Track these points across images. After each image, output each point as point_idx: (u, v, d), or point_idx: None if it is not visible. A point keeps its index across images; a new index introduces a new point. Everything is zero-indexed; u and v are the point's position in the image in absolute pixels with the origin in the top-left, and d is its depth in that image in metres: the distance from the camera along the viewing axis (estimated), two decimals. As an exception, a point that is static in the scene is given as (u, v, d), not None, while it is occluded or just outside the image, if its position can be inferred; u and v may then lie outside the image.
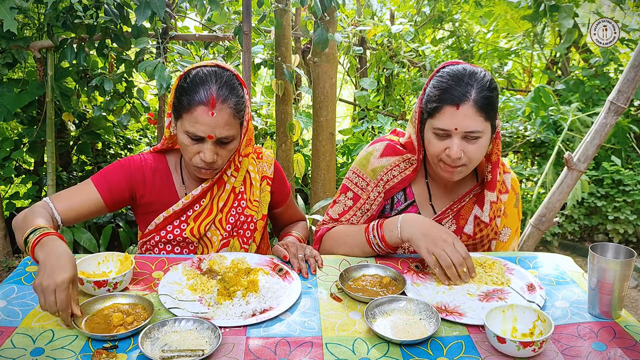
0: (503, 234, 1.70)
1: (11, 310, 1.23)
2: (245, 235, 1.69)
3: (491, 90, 1.47)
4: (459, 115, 1.44)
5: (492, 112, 1.48)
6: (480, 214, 1.63)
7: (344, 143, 4.44)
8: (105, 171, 1.61)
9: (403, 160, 1.66)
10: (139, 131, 4.50)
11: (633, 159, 4.10)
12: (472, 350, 1.13)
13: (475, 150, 1.49)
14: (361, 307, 1.28)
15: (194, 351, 1.07)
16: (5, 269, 3.47)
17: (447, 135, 1.48)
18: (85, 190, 1.57)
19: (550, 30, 4.57)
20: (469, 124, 1.44)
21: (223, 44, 3.40)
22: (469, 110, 1.44)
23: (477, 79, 1.46)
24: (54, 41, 3.02)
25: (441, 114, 1.46)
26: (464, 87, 1.45)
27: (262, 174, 1.73)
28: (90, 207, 1.56)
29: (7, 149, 3.42)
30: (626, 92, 2.56)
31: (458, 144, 1.46)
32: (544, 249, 4.02)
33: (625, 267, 1.20)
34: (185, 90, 1.46)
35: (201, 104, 1.43)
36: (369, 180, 1.66)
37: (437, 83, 1.49)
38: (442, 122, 1.46)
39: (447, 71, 1.50)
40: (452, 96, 1.45)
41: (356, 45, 4.54)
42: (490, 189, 1.61)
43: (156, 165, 1.65)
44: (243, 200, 1.68)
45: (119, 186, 1.59)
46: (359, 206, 1.67)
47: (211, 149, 1.47)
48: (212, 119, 1.43)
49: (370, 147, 1.73)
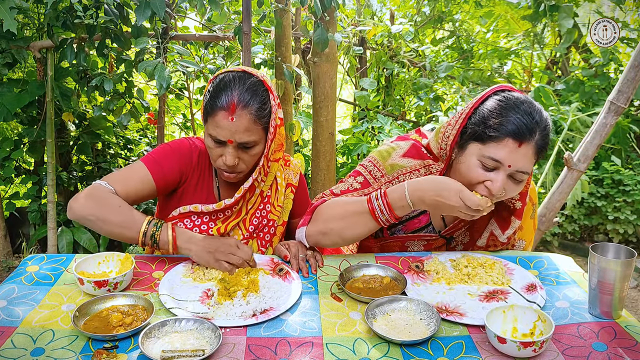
0: (517, 246, 1.66)
1: (11, 310, 1.23)
2: (264, 238, 1.70)
3: (549, 136, 1.39)
4: (519, 152, 1.35)
5: (542, 156, 1.41)
6: (499, 234, 1.57)
7: (344, 143, 4.45)
8: (158, 155, 1.60)
9: (424, 166, 1.57)
10: (139, 131, 4.50)
11: (633, 159, 4.10)
12: (472, 350, 1.13)
13: (515, 190, 1.42)
14: (361, 307, 1.28)
15: (195, 351, 1.07)
16: (5, 269, 3.47)
17: (494, 168, 1.38)
18: (139, 175, 1.56)
19: (550, 30, 4.56)
20: (524, 164, 1.36)
21: (223, 44, 3.40)
22: (529, 151, 1.36)
23: (543, 119, 1.37)
24: (54, 41, 3.02)
25: (500, 144, 1.35)
26: (532, 124, 1.35)
27: (287, 181, 1.74)
28: (144, 192, 1.56)
29: (7, 149, 3.42)
30: (626, 92, 2.56)
31: (503, 180, 1.37)
32: (544, 249, 4.02)
33: (625, 267, 1.20)
34: (211, 94, 1.49)
35: (222, 109, 1.45)
36: (384, 172, 1.58)
37: (499, 108, 1.37)
38: (499, 154, 1.35)
39: (512, 98, 1.39)
40: (518, 130, 1.34)
41: (356, 45, 4.55)
42: (519, 216, 1.55)
43: (204, 150, 1.66)
44: (268, 204, 1.69)
45: (172, 170, 1.60)
46: (366, 192, 1.57)
47: (232, 153, 1.48)
48: (232, 124, 1.45)
49: (394, 142, 1.65)
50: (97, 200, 1.47)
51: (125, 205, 1.48)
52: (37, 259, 1.49)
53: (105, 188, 1.50)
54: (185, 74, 3.22)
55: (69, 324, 1.18)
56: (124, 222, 1.45)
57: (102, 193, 1.49)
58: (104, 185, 1.51)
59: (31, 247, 3.58)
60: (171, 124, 4.83)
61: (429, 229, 1.65)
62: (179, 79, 4.11)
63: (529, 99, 1.40)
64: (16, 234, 3.72)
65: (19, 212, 3.73)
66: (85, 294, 1.32)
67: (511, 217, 1.56)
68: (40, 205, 3.54)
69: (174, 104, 4.82)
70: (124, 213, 1.46)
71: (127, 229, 1.45)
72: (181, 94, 4.24)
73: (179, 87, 4.16)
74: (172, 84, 3.96)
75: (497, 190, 1.37)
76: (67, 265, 1.46)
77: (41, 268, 1.44)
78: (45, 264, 1.47)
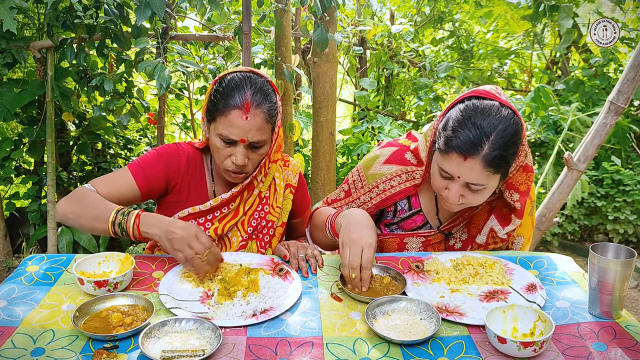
0: (516, 242, 1.68)
1: (11, 310, 1.23)
2: (264, 239, 1.70)
3: (507, 148, 1.34)
4: (465, 166, 1.35)
5: (503, 167, 1.38)
6: (498, 229, 1.58)
7: (344, 143, 4.45)
8: (144, 162, 1.61)
9: (405, 172, 1.61)
10: (139, 131, 4.50)
11: (633, 159, 4.10)
12: (472, 350, 1.13)
13: (475, 198, 1.43)
14: (362, 307, 1.28)
15: (195, 351, 1.07)
16: (5, 269, 3.47)
17: (449, 178, 1.41)
18: (123, 179, 1.57)
19: (550, 30, 4.57)
20: (474, 177, 1.36)
21: (223, 44, 3.40)
22: (476, 165, 1.34)
23: (497, 131, 1.33)
24: (54, 41, 3.02)
25: (448, 157, 1.37)
26: (478, 137, 1.32)
27: (286, 181, 1.74)
28: (128, 197, 1.57)
29: (7, 149, 3.42)
30: (626, 92, 2.56)
31: (458, 190, 1.40)
32: (544, 249, 4.02)
33: (625, 267, 1.20)
34: (221, 94, 1.48)
35: (236, 108, 1.45)
36: (364, 183, 1.66)
37: (454, 119, 1.37)
38: (447, 166, 1.38)
39: (471, 107, 1.37)
40: (462, 145, 1.33)
41: (356, 45, 4.55)
42: (520, 216, 1.56)
43: (193, 155, 1.66)
44: (267, 205, 1.69)
45: (157, 177, 1.60)
46: (347, 201, 1.70)
47: (243, 152, 1.48)
48: (246, 122, 1.45)
49: (379, 149, 1.70)
50: (75, 199, 1.50)
51: (101, 200, 1.48)
52: (37, 259, 1.49)
53: (87, 189, 1.52)
54: (185, 74, 3.22)
55: (69, 324, 1.18)
56: (98, 215, 1.45)
57: (82, 192, 1.51)
58: (88, 187, 1.53)
59: (31, 247, 3.58)
60: (171, 124, 4.84)
61: (426, 227, 1.67)
62: (179, 79, 4.12)
63: (492, 107, 1.36)
64: (16, 234, 3.72)
65: (19, 212, 3.73)
66: (85, 294, 1.32)
67: (511, 215, 1.57)
68: (40, 205, 3.55)
69: (174, 104, 4.82)
70: (98, 207, 1.46)
71: (100, 221, 1.44)
72: (181, 94, 4.24)
73: (179, 87, 4.16)
74: (172, 84, 3.96)
75: (451, 198, 1.42)
76: (67, 265, 1.46)
77: (41, 268, 1.44)
78: (45, 264, 1.47)
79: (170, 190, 1.64)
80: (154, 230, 1.40)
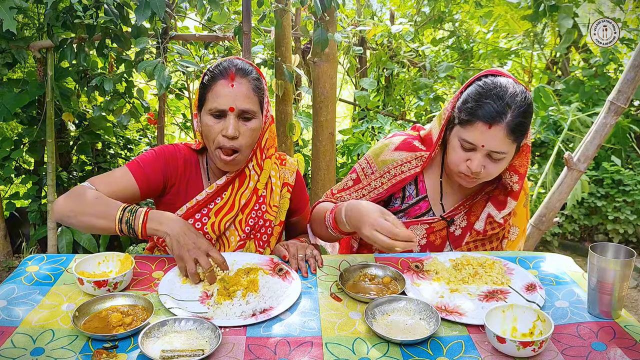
0: (512, 232, 1.74)
1: (11, 310, 1.23)
2: (262, 239, 1.70)
3: (527, 116, 1.47)
4: (489, 134, 1.45)
5: (522, 136, 1.49)
6: (495, 214, 1.67)
7: (344, 143, 4.44)
8: (143, 161, 1.61)
9: (415, 158, 1.67)
10: (139, 131, 4.50)
11: (633, 159, 4.10)
12: (472, 350, 1.13)
13: (495, 168, 1.52)
14: (361, 307, 1.28)
15: (194, 351, 1.07)
16: (5, 269, 3.47)
17: (472, 149, 1.49)
18: (123, 178, 1.57)
19: (550, 30, 4.56)
20: (497, 145, 1.46)
21: (223, 44, 3.40)
22: (500, 132, 1.45)
23: (516, 102, 1.45)
24: (54, 41, 3.02)
25: (472, 127, 1.47)
26: (501, 106, 1.44)
27: (283, 180, 1.74)
28: (127, 195, 1.57)
29: (7, 149, 3.42)
30: (626, 92, 2.56)
31: (480, 160, 1.49)
32: (544, 249, 4.02)
33: (625, 267, 1.20)
34: (207, 77, 1.55)
35: (221, 78, 1.52)
36: (375, 169, 1.70)
37: (475, 93, 1.49)
38: (471, 136, 1.47)
39: (489, 83, 1.49)
40: (487, 113, 1.44)
41: (356, 45, 4.55)
42: (515, 198, 1.65)
43: (189, 156, 1.68)
44: (264, 204, 1.69)
45: (156, 176, 1.61)
46: (357, 189, 1.72)
47: (233, 123, 1.50)
48: (232, 90, 1.50)
49: (387, 139, 1.76)
50: (74, 197, 1.48)
51: (103, 197, 1.48)
52: (37, 259, 1.49)
53: (87, 187, 1.51)
54: (185, 74, 3.22)
55: (68, 324, 1.18)
56: (101, 212, 1.43)
57: (80, 190, 1.50)
58: (86, 185, 1.52)
59: (31, 247, 3.58)
60: (171, 124, 4.83)
61: (430, 214, 1.71)
62: (179, 79, 4.11)
63: (507, 82, 1.48)
64: (16, 234, 3.72)
65: (19, 212, 3.73)
66: (85, 294, 1.32)
67: (507, 198, 1.65)
68: (40, 205, 3.55)
69: (174, 104, 4.82)
70: (100, 203, 1.45)
71: (104, 219, 1.43)
72: (181, 94, 4.24)
73: (179, 87, 4.16)
74: (172, 84, 3.96)
75: (475, 167, 1.49)
76: (67, 265, 1.46)
77: (41, 268, 1.44)
78: (45, 264, 1.47)
79: (167, 190, 1.65)
80: (164, 228, 1.40)
